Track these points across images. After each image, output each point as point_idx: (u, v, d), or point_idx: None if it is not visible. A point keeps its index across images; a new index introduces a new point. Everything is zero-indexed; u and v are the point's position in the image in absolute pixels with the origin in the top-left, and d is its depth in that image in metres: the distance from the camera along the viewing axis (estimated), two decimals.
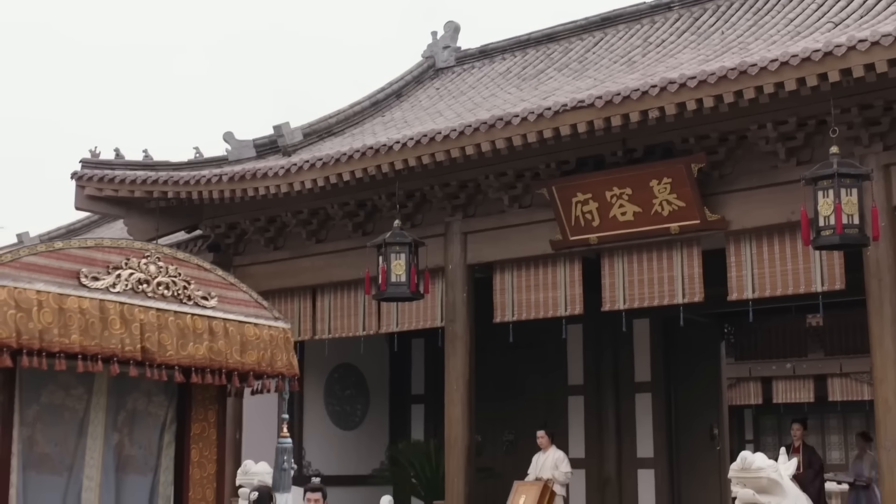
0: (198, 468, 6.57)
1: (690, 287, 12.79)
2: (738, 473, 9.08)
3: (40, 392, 5.92)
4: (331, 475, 17.24)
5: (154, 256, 6.07)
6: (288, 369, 6.69)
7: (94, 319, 5.60)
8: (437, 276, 14.42)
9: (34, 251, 5.54)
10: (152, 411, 6.49)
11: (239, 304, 6.50)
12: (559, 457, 13.76)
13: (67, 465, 6.07)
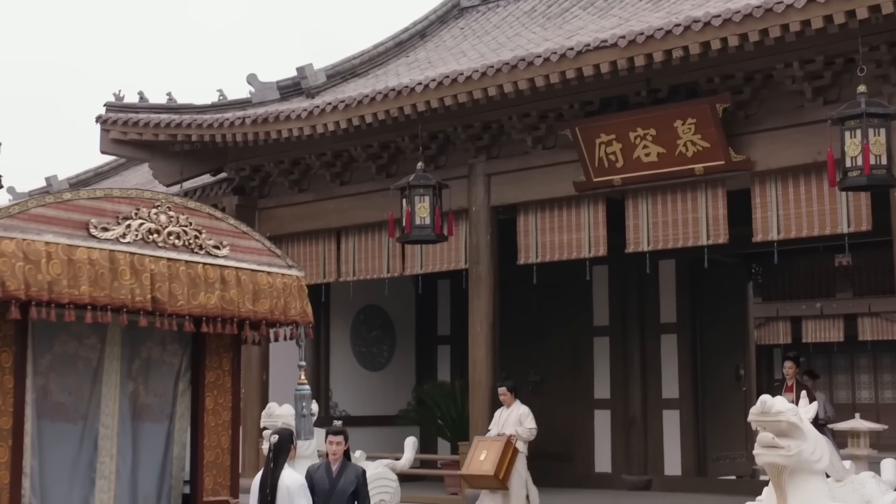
0: (213, 415, 6.60)
1: (715, 228, 12.69)
2: (758, 417, 8.99)
3: (53, 342, 5.96)
4: (357, 416, 17.41)
5: (165, 206, 6.07)
6: (302, 317, 6.69)
7: (103, 270, 5.60)
8: (460, 218, 14.39)
9: (42, 203, 5.54)
10: (167, 360, 6.52)
11: (251, 253, 6.48)
12: (524, 412, 12.90)
13: (82, 413, 6.12)
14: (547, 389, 17.20)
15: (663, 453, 16.10)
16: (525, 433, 12.71)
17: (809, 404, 12.59)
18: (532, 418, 12.84)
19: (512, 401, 12.95)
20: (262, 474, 9.03)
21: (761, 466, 9.24)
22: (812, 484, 9.00)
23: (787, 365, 13.42)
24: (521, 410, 12.86)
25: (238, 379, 6.83)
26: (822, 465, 9.16)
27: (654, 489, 15.83)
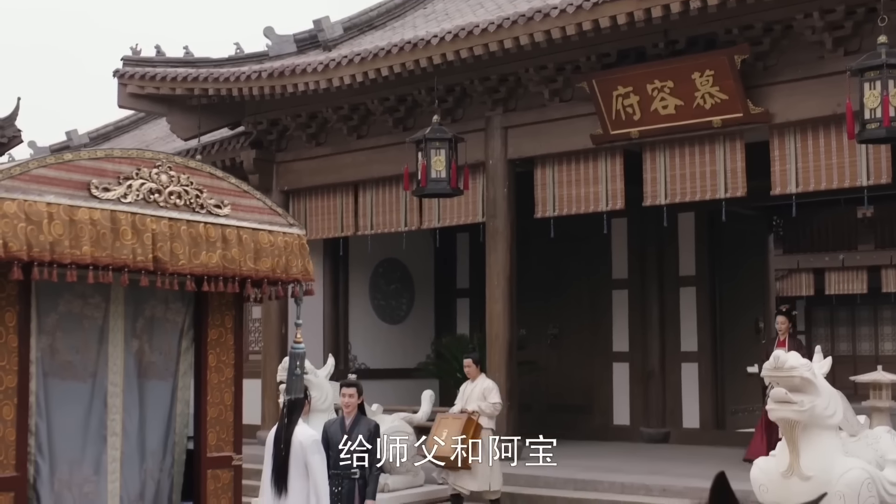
0: (215, 373, 6.63)
1: (733, 181, 12.61)
2: (771, 372, 8.98)
3: (58, 301, 5.98)
4: (376, 369, 17.51)
5: (165, 166, 6.05)
6: (303, 275, 6.69)
7: (105, 230, 5.61)
8: (477, 172, 14.35)
9: (43, 163, 5.53)
10: (170, 318, 6.54)
11: (252, 212, 6.47)
12: (488, 386, 12.18)
13: (91, 371, 6.16)
14: (566, 342, 17.24)
15: (681, 406, 16.13)
16: (489, 408, 11.98)
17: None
18: (497, 392, 12.19)
19: (477, 374, 12.27)
20: (276, 429, 9.10)
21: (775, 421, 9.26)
22: (825, 439, 9.00)
23: (780, 319, 13.09)
24: (485, 384, 12.17)
25: (241, 336, 6.85)
26: (836, 421, 9.14)
27: (672, 442, 15.88)
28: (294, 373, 6.98)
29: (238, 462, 6.74)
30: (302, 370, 7.06)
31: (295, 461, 8.82)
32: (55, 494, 5.93)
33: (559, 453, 14.56)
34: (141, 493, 6.34)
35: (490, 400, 12.00)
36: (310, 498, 8.78)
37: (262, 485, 9.13)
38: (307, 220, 16.36)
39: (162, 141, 19.72)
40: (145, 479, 6.36)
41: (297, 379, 7.02)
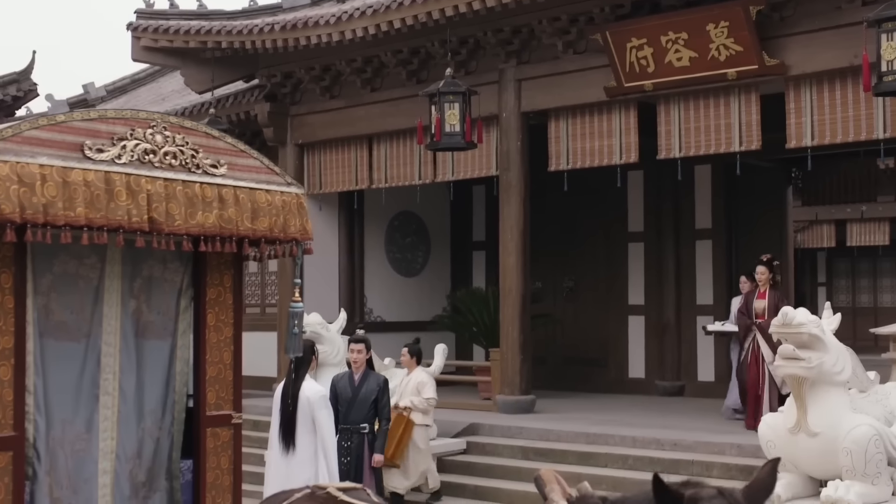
0: (214, 332, 6.64)
1: (748, 134, 12.50)
2: (779, 329, 8.97)
3: (53, 262, 5.98)
4: (392, 321, 17.56)
5: (160, 126, 6.01)
6: (302, 234, 6.65)
7: (99, 192, 5.58)
8: (491, 125, 14.27)
9: (35, 125, 5.50)
10: (168, 277, 6.54)
11: (250, 171, 6.43)
12: (423, 380, 11.47)
13: (85, 332, 6.17)
14: (581, 295, 17.22)
15: (696, 360, 16.12)
16: (421, 404, 11.33)
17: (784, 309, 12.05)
18: (432, 387, 11.46)
19: (413, 366, 11.62)
20: (284, 385, 9.18)
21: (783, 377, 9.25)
22: (833, 395, 8.98)
23: (759, 270, 12.59)
24: (420, 378, 11.51)
25: (240, 296, 6.85)
26: (844, 377, 9.12)
27: (686, 395, 15.89)
28: (293, 331, 6.98)
29: (238, 420, 6.76)
30: (300, 329, 7.06)
31: (302, 417, 8.90)
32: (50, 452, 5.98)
33: (573, 406, 14.67)
34: (138, 452, 6.37)
35: (424, 395, 11.38)
36: (317, 453, 8.87)
37: (270, 440, 9.22)
38: (321, 174, 16.35)
39: (178, 94, 19.69)
40: (143, 437, 6.40)
41: (296, 337, 7.01)
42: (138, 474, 6.37)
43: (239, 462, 6.77)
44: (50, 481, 5.93)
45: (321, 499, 4.78)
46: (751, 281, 13.25)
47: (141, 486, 6.40)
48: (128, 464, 6.33)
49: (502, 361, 14.22)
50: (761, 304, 12.39)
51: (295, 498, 4.81)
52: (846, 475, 8.74)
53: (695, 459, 11.33)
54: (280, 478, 8.91)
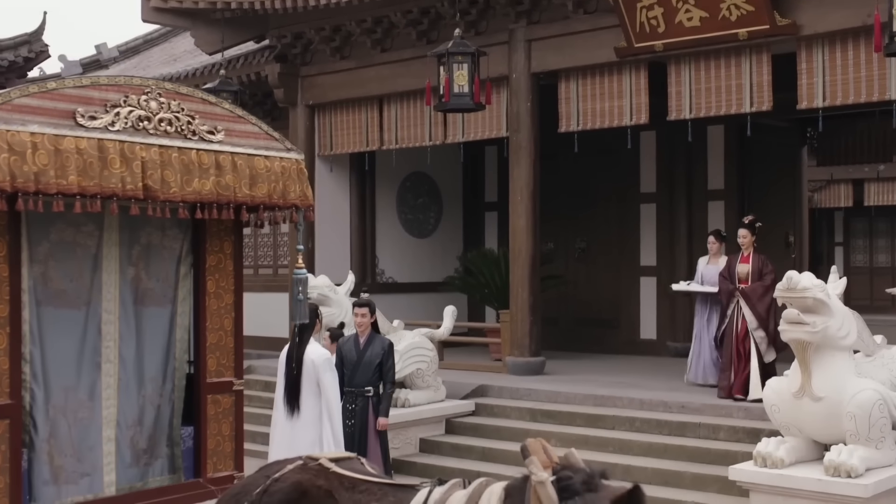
0: (214, 298, 6.65)
1: (759, 95, 12.36)
2: (784, 293, 8.89)
3: (50, 230, 5.99)
4: (404, 282, 17.57)
5: (155, 92, 5.98)
6: (302, 200, 6.65)
7: (92, 159, 5.57)
8: (501, 86, 14.18)
9: (26, 93, 5.48)
10: (167, 244, 6.55)
11: (248, 137, 6.41)
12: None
13: (85, 299, 6.20)
14: (593, 256, 17.18)
15: None
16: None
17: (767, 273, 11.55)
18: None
19: (334, 350, 10.99)
20: (288, 348, 9.20)
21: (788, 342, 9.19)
22: (838, 360, 8.92)
23: (741, 233, 12.02)
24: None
25: (240, 262, 6.85)
26: (849, 342, 9.06)
27: None
28: (297, 298, 6.98)
29: (239, 387, 6.79)
30: (305, 295, 7.06)
31: (307, 380, 8.92)
32: (50, 420, 6.02)
33: (583, 368, 14.67)
34: (139, 419, 6.42)
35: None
36: (321, 415, 8.90)
37: (275, 403, 9.26)
38: (332, 135, 16.30)
39: (190, 54, 19.64)
40: (144, 404, 6.44)
41: (301, 304, 7.02)
42: (139, 441, 6.43)
43: (241, 428, 6.81)
44: (49, 449, 5.98)
45: (313, 470, 4.78)
46: (719, 241, 13.02)
47: (142, 453, 6.45)
48: (129, 431, 6.38)
49: (512, 323, 14.22)
50: (744, 268, 11.89)
51: (287, 469, 4.82)
52: (850, 439, 8.71)
53: (702, 422, 11.32)
54: (285, 440, 8.95)
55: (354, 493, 4.64)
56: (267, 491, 4.71)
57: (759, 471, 8.96)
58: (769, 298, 11.32)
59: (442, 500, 4.39)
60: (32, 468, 5.93)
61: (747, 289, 11.60)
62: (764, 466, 8.94)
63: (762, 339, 11.43)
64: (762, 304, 11.49)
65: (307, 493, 4.66)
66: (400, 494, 4.62)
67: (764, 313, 11.46)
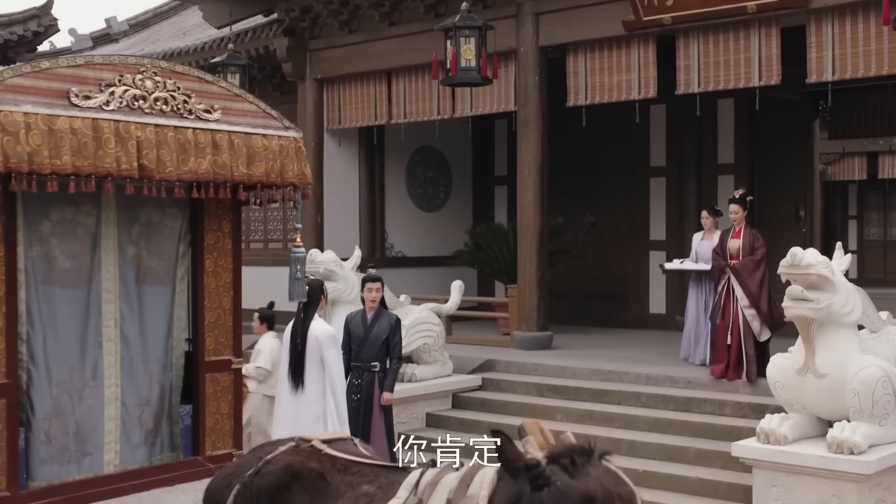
0: (213, 277, 6.65)
1: (768, 69, 12.28)
2: (787, 270, 8.85)
3: (50, 209, 6.00)
4: (413, 256, 17.57)
5: (150, 71, 5.96)
6: (300, 179, 6.61)
7: (86, 139, 5.56)
8: (509, 60, 14.12)
9: (19, 72, 5.46)
10: (167, 223, 6.55)
11: (245, 116, 6.38)
12: (261, 348, 10.57)
13: (87, 278, 6.21)
14: (603, 230, 17.14)
15: None
16: (252, 372, 10.24)
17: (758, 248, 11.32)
18: (266, 357, 10.44)
19: (264, 331, 10.75)
20: (293, 324, 9.22)
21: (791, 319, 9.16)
22: (842, 336, 8.89)
23: (732, 208, 11.76)
24: (260, 345, 10.65)
25: (239, 241, 6.84)
26: (853, 318, 9.02)
27: None
28: (295, 277, 6.97)
29: (238, 365, 6.80)
30: (303, 273, 7.05)
31: (311, 355, 8.94)
32: (54, 400, 6.05)
33: (591, 343, 14.67)
34: (145, 398, 6.45)
35: (256, 362, 10.45)
36: (325, 391, 8.93)
37: (280, 379, 9.29)
38: (341, 109, 16.27)
39: (199, 28, 19.59)
40: (150, 383, 6.46)
41: (299, 282, 7.00)
42: (146, 421, 6.46)
43: (239, 407, 6.84)
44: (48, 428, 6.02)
45: (305, 452, 4.79)
46: (712, 216, 12.76)
47: (148, 433, 6.48)
48: (135, 410, 6.41)
49: (520, 298, 14.21)
50: (735, 243, 11.61)
51: (279, 451, 4.82)
52: (853, 416, 8.69)
53: (707, 398, 11.31)
54: (289, 415, 8.99)
55: (346, 474, 4.64)
56: (259, 473, 4.72)
57: (761, 447, 8.96)
58: (760, 274, 11.19)
59: (434, 482, 4.38)
60: (30, 447, 5.96)
61: (737, 264, 11.35)
62: (767, 443, 8.94)
63: (753, 317, 11.16)
64: (753, 280, 11.20)
65: (298, 476, 4.66)
66: (392, 476, 4.61)
67: (755, 289, 11.17)
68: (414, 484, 4.41)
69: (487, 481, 4.21)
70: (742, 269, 11.29)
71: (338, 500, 4.53)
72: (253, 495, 4.67)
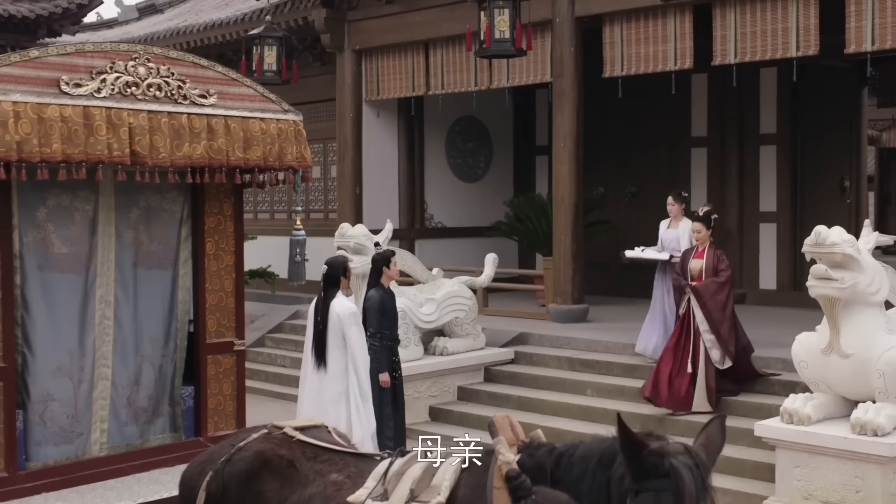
0: (214, 260, 6.68)
1: (805, 39, 12.03)
2: (812, 248, 8.67)
3: (46, 195, 6.06)
4: (452, 227, 17.54)
5: (143, 58, 5.97)
6: (299, 162, 6.60)
7: (77, 127, 5.58)
8: (545, 31, 13.97)
9: (7, 62, 5.49)
10: (167, 207, 6.59)
11: (242, 100, 6.38)
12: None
13: (85, 263, 6.28)
14: (644, 201, 16.94)
15: (759, 267, 15.81)
16: None
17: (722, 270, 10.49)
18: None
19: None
20: (316, 301, 9.26)
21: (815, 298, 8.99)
22: (867, 316, 8.72)
23: (695, 227, 10.84)
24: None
25: (241, 223, 6.86)
26: (880, 298, 8.84)
27: (748, 303, 15.60)
28: (294, 259, 6.98)
29: (240, 347, 6.84)
30: (303, 256, 7.05)
31: (333, 333, 8.98)
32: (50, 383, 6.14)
33: (627, 315, 14.53)
34: (136, 379, 6.52)
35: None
36: (348, 368, 8.98)
37: (304, 356, 9.35)
38: (379, 80, 16.23)
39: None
40: (142, 364, 6.52)
41: (299, 266, 7.01)
42: (137, 400, 6.53)
43: (242, 388, 6.88)
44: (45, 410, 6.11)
45: (276, 439, 4.84)
46: (678, 202, 11.78)
47: (142, 412, 6.55)
48: (125, 391, 6.48)
49: (555, 271, 14.14)
50: (698, 264, 10.66)
51: (251, 438, 4.87)
52: (879, 397, 8.55)
53: None
54: (313, 392, 9.07)
55: (316, 462, 4.70)
56: (230, 460, 4.78)
57: (784, 427, 8.85)
58: (723, 297, 10.41)
59: (400, 471, 4.43)
60: (28, 429, 6.07)
61: (699, 286, 10.43)
62: (790, 423, 8.82)
63: (713, 343, 10.31)
64: (714, 303, 10.37)
65: (268, 463, 4.72)
66: (361, 465, 4.67)
67: (716, 313, 10.34)
68: (382, 473, 4.45)
69: (450, 472, 4.24)
70: (703, 291, 10.39)
71: (307, 488, 4.60)
72: (224, 482, 4.74)
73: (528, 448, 4.19)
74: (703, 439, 3.93)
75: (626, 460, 3.62)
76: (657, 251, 11.87)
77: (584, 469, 3.85)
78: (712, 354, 10.36)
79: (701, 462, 3.62)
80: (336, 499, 4.50)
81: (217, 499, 4.76)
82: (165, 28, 19.22)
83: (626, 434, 3.62)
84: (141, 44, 18.98)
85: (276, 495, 4.64)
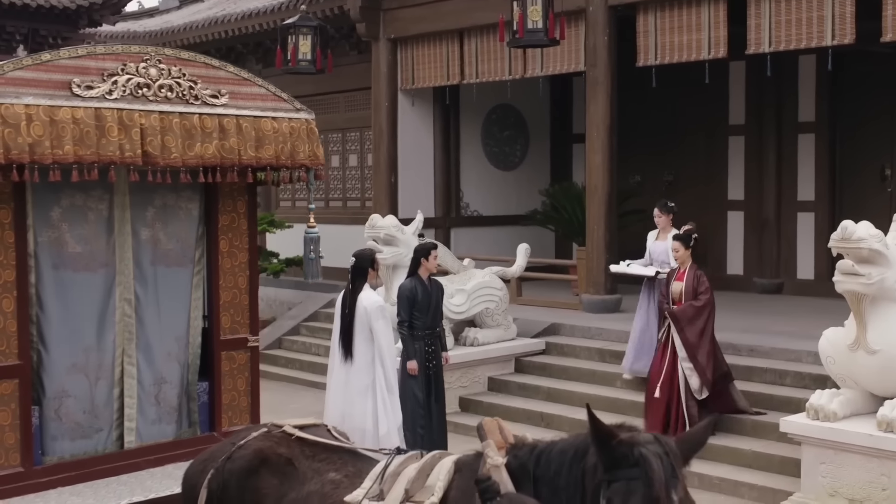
0: (228, 258, 6.74)
1: (841, 27, 11.89)
2: (838, 243, 8.59)
3: (60, 196, 6.14)
4: (488, 215, 17.55)
5: (154, 59, 6.02)
6: (312, 160, 6.63)
7: (88, 128, 5.65)
8: (578, 19, 13.90)
9: (20, 65, 5.56)
10: (183, 205, 6.65)
11: (254, 99, 6.42)
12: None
13: (102, 262, 6.36)
14: (680, 189, 16.84)
15: (796, 257, 15.69)
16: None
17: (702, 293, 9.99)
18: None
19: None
20: (343, 294, 9.33)
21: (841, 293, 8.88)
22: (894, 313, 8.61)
23: (674, 246, 10.40)
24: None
25: (255, 221, 6.92)
26: None
27: (785, 293, 15.53)
28: (309, 257, 7.03)
29: (254, 343, 6.91)
30: (317, 254, 7.09)
31: (360, 326, 9.05)
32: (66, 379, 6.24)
33: None
34: (162, 377, 6.61)
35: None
36: (374, 361, 9.04)
37: (331, 348, 9.42)
38: (414, 68, 16.25)
39: None
40: (165, 362, 6.62)
41: (313, 263, 7.06)
42: (162, 399, 6.63)
43: (256, 384, 6.95)
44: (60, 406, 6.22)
45: (276, 437, 4.91)
46: (665, 213, 11.29)
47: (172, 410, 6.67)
48: (153, 388, 6.58)
49: (588, 261, 14.12)
50: (678, 286, 10.24)
51: (251, 436, 4.95)
52: None
53: (768, 367, 11.12)
54: (340, 384, 9.16)
55: (314, 461, 4.76)
56: (230, 458, 4.86)
57: (810, 423, 8.79)
58: (702, 322, 10.00)
59: (397, 471, 4.48)
60: (43, 424, 6.18)
61: (676, 310, 10.06)
62: (816, 419, 8.75)
63: (691, 371, 9.95)
64: (692, 330, 9.97)
65: (267, 461, 4.79)
66: (360, 464, 4.73)
67: (694, 340, 9.95)
68: (379, 473, 4.50)
69: (444, 472, 4.29)
70: (681, 316, 10.03)
71: (305, 486, 4.66)
72: (224, 480, 4.82)
73: (513, 450, 4.23)
74: (686, 433, 4.00)
75: (597, 451, 3.65)
76: (644, 265, 11.43)
77: (561, 464, 3.88)
78: (692, 382, 9.98)
79: (671, 450, 3.63)
80: (333, 497, 4.56)
81: (218, 496, 4.84)
82: (204, 17, 19.37)
83: (596, 425, 3.65)
84: (180, 33, 19.23)
85: (274, 492, 4.71)
